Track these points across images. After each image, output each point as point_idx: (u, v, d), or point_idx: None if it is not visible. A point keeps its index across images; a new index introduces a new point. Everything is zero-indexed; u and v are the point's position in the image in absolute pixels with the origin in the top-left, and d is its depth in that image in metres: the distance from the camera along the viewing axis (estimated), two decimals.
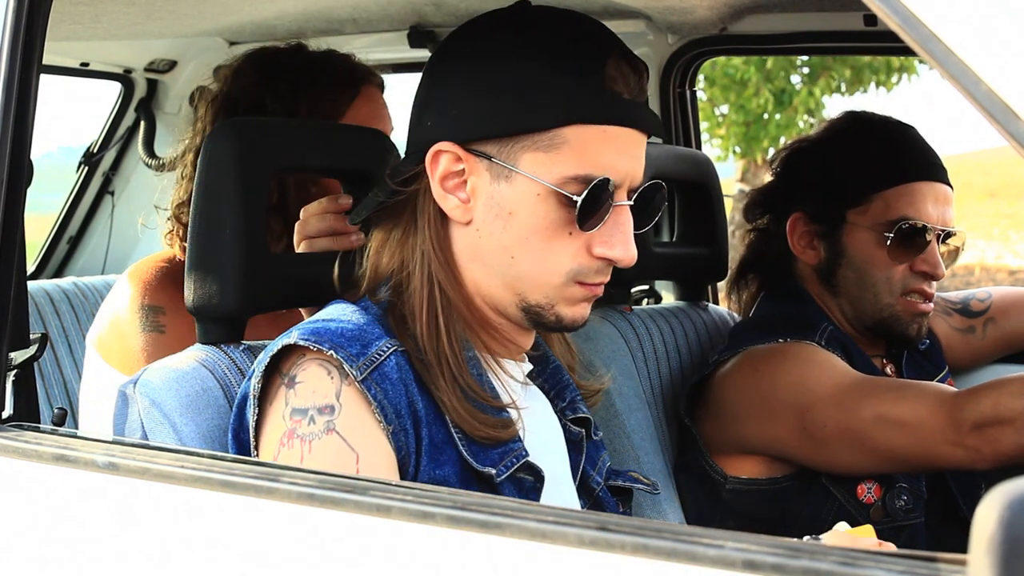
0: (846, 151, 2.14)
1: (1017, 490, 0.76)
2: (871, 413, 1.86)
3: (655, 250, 2.29)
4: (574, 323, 1.39)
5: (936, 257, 2.07)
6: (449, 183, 1.36)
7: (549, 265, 1.34)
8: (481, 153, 1.34)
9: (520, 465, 1.36)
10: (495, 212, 1.34)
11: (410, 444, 1.30)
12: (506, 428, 1.36)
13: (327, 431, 1.27)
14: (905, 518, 2.01)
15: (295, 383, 1.30)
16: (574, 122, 1.31)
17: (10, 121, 1.43)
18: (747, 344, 2.06)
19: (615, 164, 1.33)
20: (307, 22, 2.57)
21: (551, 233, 1.33)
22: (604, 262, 1.35)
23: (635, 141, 1.37)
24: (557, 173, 1.31)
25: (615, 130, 1.33)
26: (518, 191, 1.33)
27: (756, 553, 0.94)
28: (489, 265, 1.37)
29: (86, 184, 3.33)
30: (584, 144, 1.32)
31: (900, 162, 2.10)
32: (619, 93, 1.34)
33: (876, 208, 2.08)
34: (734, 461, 2.05)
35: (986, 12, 0.96)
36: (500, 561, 1.05)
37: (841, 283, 2.12)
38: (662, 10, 2.47)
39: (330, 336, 1.31)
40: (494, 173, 1.34)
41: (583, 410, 1.51)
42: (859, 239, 2.09)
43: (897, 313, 2.09)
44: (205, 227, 1.52)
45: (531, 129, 1.32)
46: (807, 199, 2.14)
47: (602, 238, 1.34)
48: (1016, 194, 20.16)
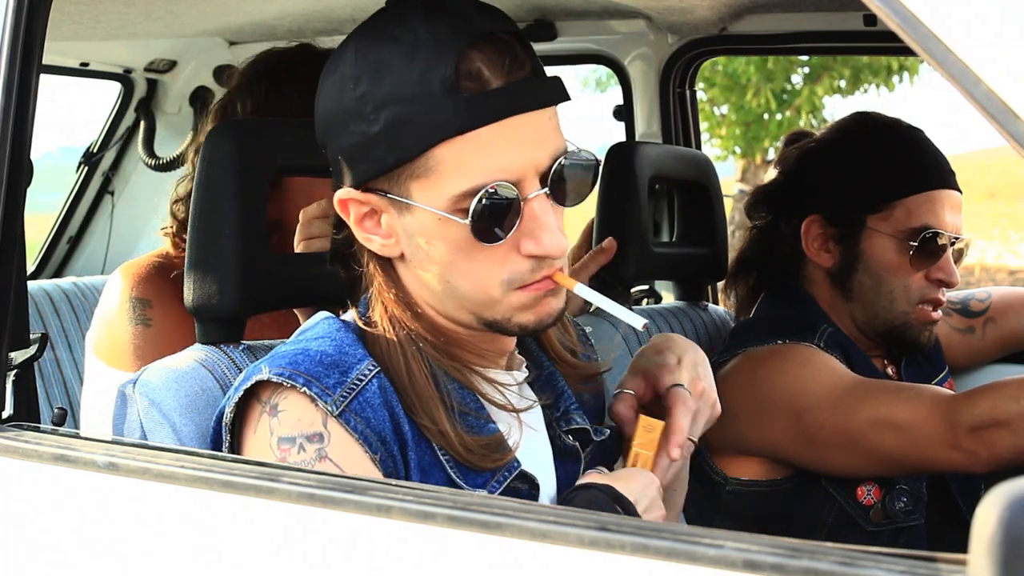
0: (865, 155, 2.12)
1: (1017, 490, 0.76)
2: (868, 416, 1.85)
3: (655, 250, 2.29)
4: (541, 325, 1.32)
5: (951, 266, 2.07)
6: (367, 224, 1.32)
7: (482, 281, 1.28)
8: (377, 190, 1.29)
9: (514, 476, 1.32)
10: (415, 244, 1.29)
11: (399, 470, 1.27)
12: (500, 449, 1.32)
13: (319, 459, 1.24)
14: (905, 520, 2.01)
15: (278, 411, 1.27)
16: (438, 141, 1.23)
17: (10, 121, 1.43)
18: (746, 345, 2.06)
19: (503, 164, 1.24)
20: (307, 22, 2.57)
21: (470, 251, 1.26)
22: (536, 260, 1.27)
23: (522, 127, 1.25)
24: (445, 195, 1.24)
25: (490, 129, 1.23)
26: (421, 221, 1.27)
27: (756, 553, 0.94)
28: (435, 292, 1.32)
29: (86, 184, 3.33)
30: (459, 158, 1.24)
31: (922, 169, 2.09)
32: (484, 87, 1.24)
33: (898, 215, 2.06)
34: (734, 462, 2.05)
35: (986, 12, 0.96)
36: (500, 561, 1.05)
37: (856, 288, 2.10)
38: (662, 10, 2.47)
39: (306, 366, 1.27)
40: (396, 208, 1.28)
41: (578, 420, 1.44)
42: (879, 245, 2.08)
43: (910, 321, 2.08)
44: (205, 227, 1.52)
45: (402, 160, 1.25)
46: (824, 202, 2.12)
47: (525, 236, 1.26)
48: (1016, 194, 20.16)
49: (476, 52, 1.24)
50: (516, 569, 1.05)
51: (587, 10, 2.58)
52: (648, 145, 2.55)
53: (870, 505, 2.00)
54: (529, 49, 1.30)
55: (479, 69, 1.24)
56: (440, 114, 1.23)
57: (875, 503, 2.00)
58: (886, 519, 2.00)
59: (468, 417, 1.32)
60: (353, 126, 1.27)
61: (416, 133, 1.24)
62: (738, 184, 12.34)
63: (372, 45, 1.28)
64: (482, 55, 1.24)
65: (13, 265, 1.45)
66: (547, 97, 1.29)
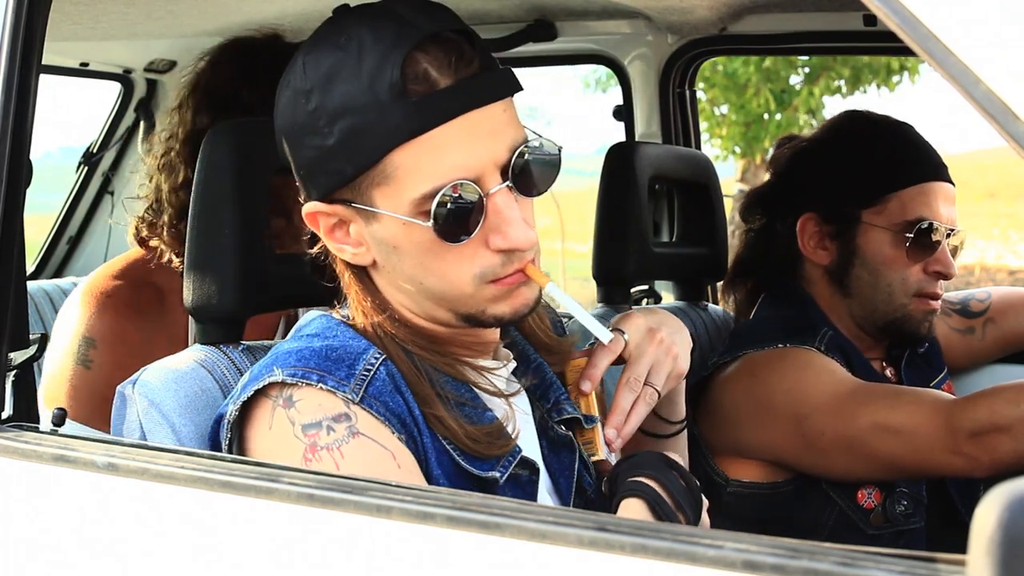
0: (857, 151, 2.13)
1: (1016, 491, 0.76)
2: (868, 421, 1.85)
3: (655, 250, 2.29)
4: (517, 314, 1.33)
5: (948, 257, 2.07)
6: (337, 234, 1.33)
7: (454, 278, 1.29)
8: (342, 200, 1.30)
9: (517, 462, 1.34)
10: (384, 249, 1.31)
11: (419, 450, 1.28)
12: (503, 436, 1.34)
13: (352, 435, 1.24)
14: (905, 523, 2.01)
15: (293, 402, 1.27)
16: (393, 147, 1.23)
17: (10, 121, 1.43)
18: (746, 348, 2.06)
19: (460, 162, 1.24)
20: (307, 22, 2.56)
21: (439, 251, 1.27)
22: (505, 253, 1.28)
23: (476, 123, 1.25)
24: (407, 200, 1.25)
25: (444, 130, 1.23)
26: (387, 227, 1.28)
27: (756, 553, 0.94)
28: (410, 294, 1.33)
29: (86, 184, 3.34)
30: (416, 162, 1.24)
31: (915, 162, 2.10)
32: (433, 88, 1.24)
33: (892, 208, 2.07)
34: (735, 464, 2.05)
35: (985, 12, 0.96)
36: (500, 561, 1.05)
37: (854, 284, 2.11)
38: (662, 10, 2.47)
39: (316, 362, 1.28)
40: (363, 216, 1.29)
41: (569, 410, 1.46)
42: (874, 239, 2.08)
43: (909, 313, 2.08)
44: (204, 227, 1.52)
45: (361, 169, 1.26)
46: (818, 199, 2.13)
47: (492, 231, 1.27)
48: (1015, 194, 20.17)
49: (421, 54, 1.24)
50: (516, 569, 1.05)
51: (587, 10, 2.58)
52: (648, 145, 2.55)
53: (871, 508, 2.00)
54: (478, 44, 1.29)
55: (425, 70, 1.24)
56: (391, 120, 1.23)
57: (875, 506, 2.00)
58: (886, 522, 2.00)
59: (465, 407, 1.34)
60: (309, 140, 1.28)
61: (371, 141, 1.24)
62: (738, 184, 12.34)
63: (320, 56, 1.28)
64: (428, 56, 1.25)
65: (13, 265, 1.45)
66: (498, 90, 1.28)
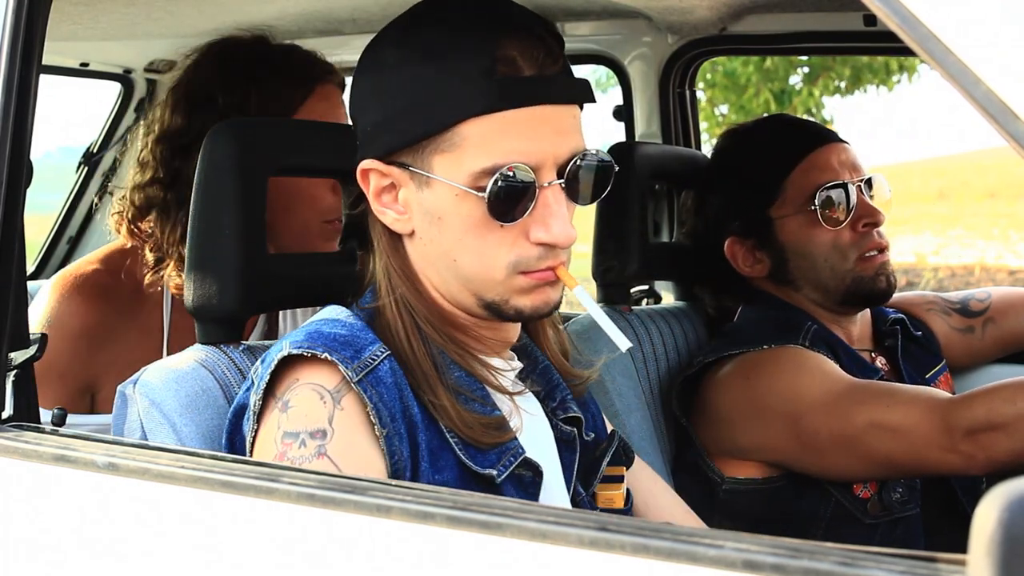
0: (736, 162, 2.22)
1: (1017, 490, 0.76)
2: (864, 420, 1.86)
3: (655, 250, 2.29)
4: (536, 312, 1.36)
5: (869, 206, 2.10)
6: (384, 198, 1.37)
7: (488, 261, 1.33)
8: (400, 163, 1.34)
9: (519, 462, 1.35)
10: (428, 219, 1.34)
11: (404, 449, 1.29)
12: (500, 428, 1.36)
13: (317, 455, 1.26)
14: (901, 510, 2.02)
15: (288, 407, 1.30)
16: (467, 117, 1.29)
17: (10, 121, 1.43)
18: (736, 348, 2.07)
19: (524, 148, 1.29)
20: (307, 22, 2.57)
21: (482, 230, 1.32)
22: (544, 247, 1.33)
23: (546, 118, 1.31)
24: (466, 171, 1.30)
25: (517, 113, 1.29)
26: (439, 195, 1.32)
27: (756, 553, 0.94)
28: (440, 271, 1.37)
29: (86, 184, 3.33)
30: (484, 136, 1.29)
31: (790, 142, 2.15)
32: (517, 74, 1.30)
33: (790, 193, 2.13)
34: (731, 462, 2.05)
35: (985, 12, 0.96)
36: (500, 561, 1.05)
37: (797, 275, 2.15)
38: (662, 10, 2.47)
39: (323, 341, 1.31)
40: (416, 181, 1.33)
41: (574, 409, 1.49)
42: (790, 228, 2.13)
43: (859, 274, 2.11)
44: (204, 228, 1.52)
45: (430, 133, 1.30)
46: (727, 222, 2.19)
47: (536, 222, 1.32)
48: (1015, 194, 20.15)
49: (514, 41, 1.31)
50: (516, 569, 1.05)
51: (587, 10, 2.58)
52: (648, 145, 2.55)
53: (867, 498, 2.01)
54: (563, 49, 1.36)
55: (514, 56, 1.30)
56: (472, 92, 1.29)
57: (872, 496, 2.01)
58: (883, 511, 2.01)
59: (462, 396, 1.36)
60: (386, 99, 1.34)
61: (446, 108, 1.30)
62: None
63: (416, 26, 1.34)
64: (519, 45, 1.31)
65: (13, 265, 1.45)
66: (574, 94, 1.35)
